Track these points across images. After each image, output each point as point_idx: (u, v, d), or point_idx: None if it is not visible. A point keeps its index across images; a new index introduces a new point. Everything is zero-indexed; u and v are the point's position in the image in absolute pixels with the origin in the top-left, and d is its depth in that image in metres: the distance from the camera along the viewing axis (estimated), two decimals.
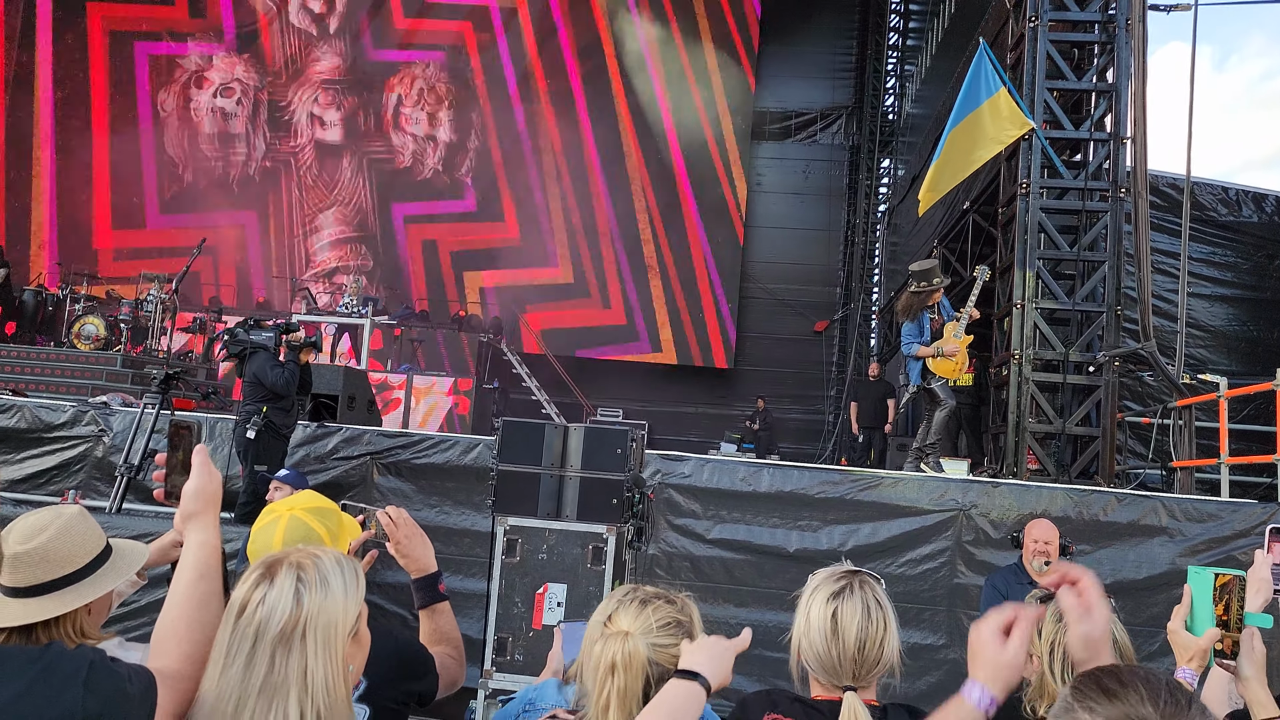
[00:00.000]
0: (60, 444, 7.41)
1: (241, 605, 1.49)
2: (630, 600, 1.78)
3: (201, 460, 1.82)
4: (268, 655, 1.45)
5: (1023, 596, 4.57)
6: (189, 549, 1.72)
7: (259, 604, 1.48)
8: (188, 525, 1.76)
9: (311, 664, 1.46)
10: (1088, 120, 9.47)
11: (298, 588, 1.49)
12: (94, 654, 1.39)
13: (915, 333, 7.99)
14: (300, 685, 1.45)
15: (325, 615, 1.49)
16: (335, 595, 1.52)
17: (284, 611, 1.47)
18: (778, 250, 20.07)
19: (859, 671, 1.92)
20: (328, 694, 1.47)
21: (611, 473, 4.86)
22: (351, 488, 6.89)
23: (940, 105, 14.69)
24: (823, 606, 1.98)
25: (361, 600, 1.58)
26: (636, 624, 1.72)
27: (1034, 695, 2.12)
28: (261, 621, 1.47)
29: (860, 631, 1.92)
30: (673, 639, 1.73)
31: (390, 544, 2.24)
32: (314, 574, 1.52)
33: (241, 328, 6.92)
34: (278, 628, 1.46)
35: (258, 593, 1.50)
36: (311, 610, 1.48)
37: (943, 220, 13.63)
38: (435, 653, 2.18)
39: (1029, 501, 6.36)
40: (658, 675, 1.68)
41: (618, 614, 1.74)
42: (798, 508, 6.53)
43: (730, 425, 17.83)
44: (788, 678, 4.55)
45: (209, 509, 1.77)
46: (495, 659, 4.67)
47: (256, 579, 1.52)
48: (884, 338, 19.08)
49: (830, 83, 20.79)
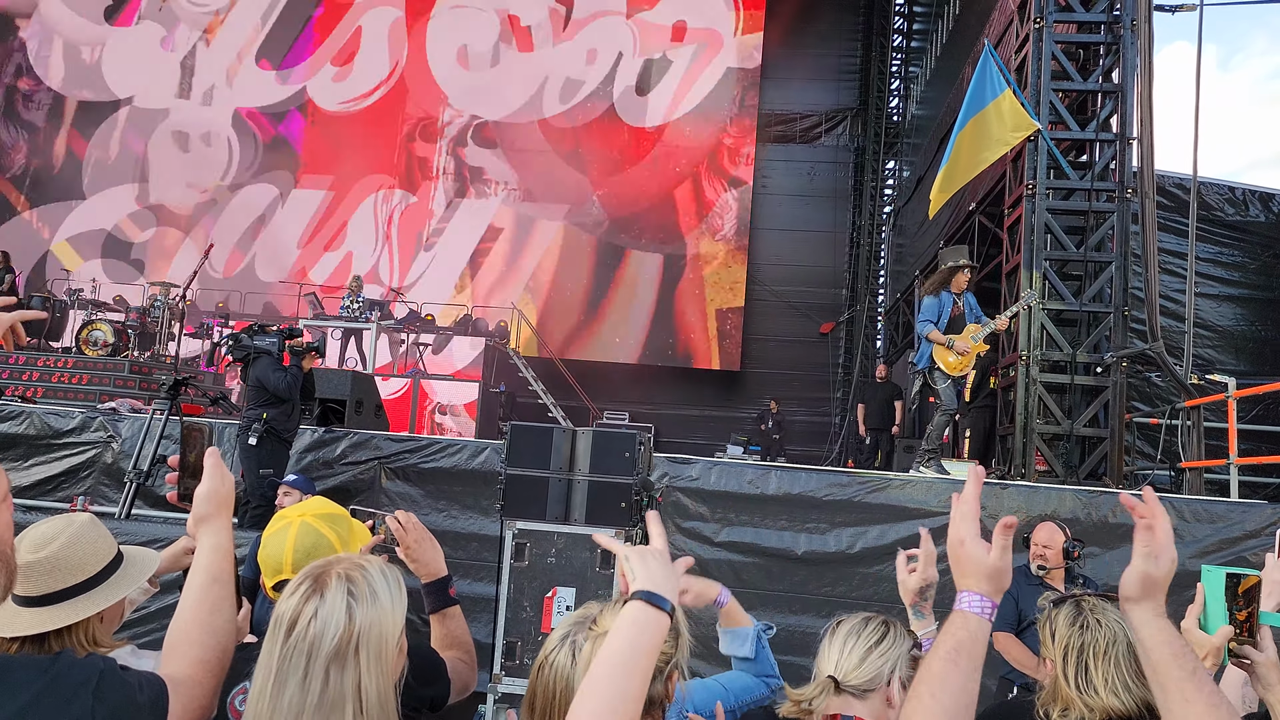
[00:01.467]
0: (69, 450, 7.43)
1: (291, 621, 1.44)
2: (616, 603, 1.75)
3: (214, 463, 1.80)
4: (322, 673, 1.41)
5: (1033, 597, 4.58)
6: (201, 553, 1.71)
7: (310, 619, 1.43)
8: (200, 529, 1.74)
9: (365, 679, 1.43)
10: (1093, 121, 9.45)
11: (349, 602, 1.45)
12: (104, 663, 1.38)
13: (933, 312, 7.84)
14: (355, 701, 1.41)
15: (377, 629, 1.46)
16: (385, 607, 1.48)
17: (338, 627, 1.42)
18: (783, 252, 20.05)
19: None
20: (381, 708, 1.44)
21: (620, 476, 4.86)
22: (359, 492, 6.90)
23: (944, 107, 14.68)
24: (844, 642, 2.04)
25: (404, 609, 1.55)
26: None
27: (1047, 699, 2.09)
28: (315, 638, 1.42)
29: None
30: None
31: (400, 549, 2.23)
32: (364, 587, 1.48)
33: (246, 333, 6.94)
34: (332, 644, 1.42)
35: (309, 607, 1.44)
36: (364, 625, 1.44)
37: (948, 222, 13.61)
38: (447, 657, 2.16)
39: (1037, 503, 6.35)
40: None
41: (603, 616, 1.72)
42: (806, 510, 6.52)
43: (736, 428, 17.81)
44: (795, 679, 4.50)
45: (221, 512, 1.75)
46: (505, 663, 4.67)
47: (306, 592, 1.47)
48: (890, 339, 19.05)
49: (835, 85, 20.79)
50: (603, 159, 19.89)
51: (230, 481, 1.80)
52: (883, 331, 19.92)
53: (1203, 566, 1.87)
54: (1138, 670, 2.02)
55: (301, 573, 1.53)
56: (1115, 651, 2.02)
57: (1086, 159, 9.81)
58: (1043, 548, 4.64)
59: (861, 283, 20.12)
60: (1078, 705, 2.02)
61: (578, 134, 20.01)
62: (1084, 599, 2.14)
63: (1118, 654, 2.02)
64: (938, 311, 7.85)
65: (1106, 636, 2.04)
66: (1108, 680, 2.00)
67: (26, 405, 8.01)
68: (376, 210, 20.16)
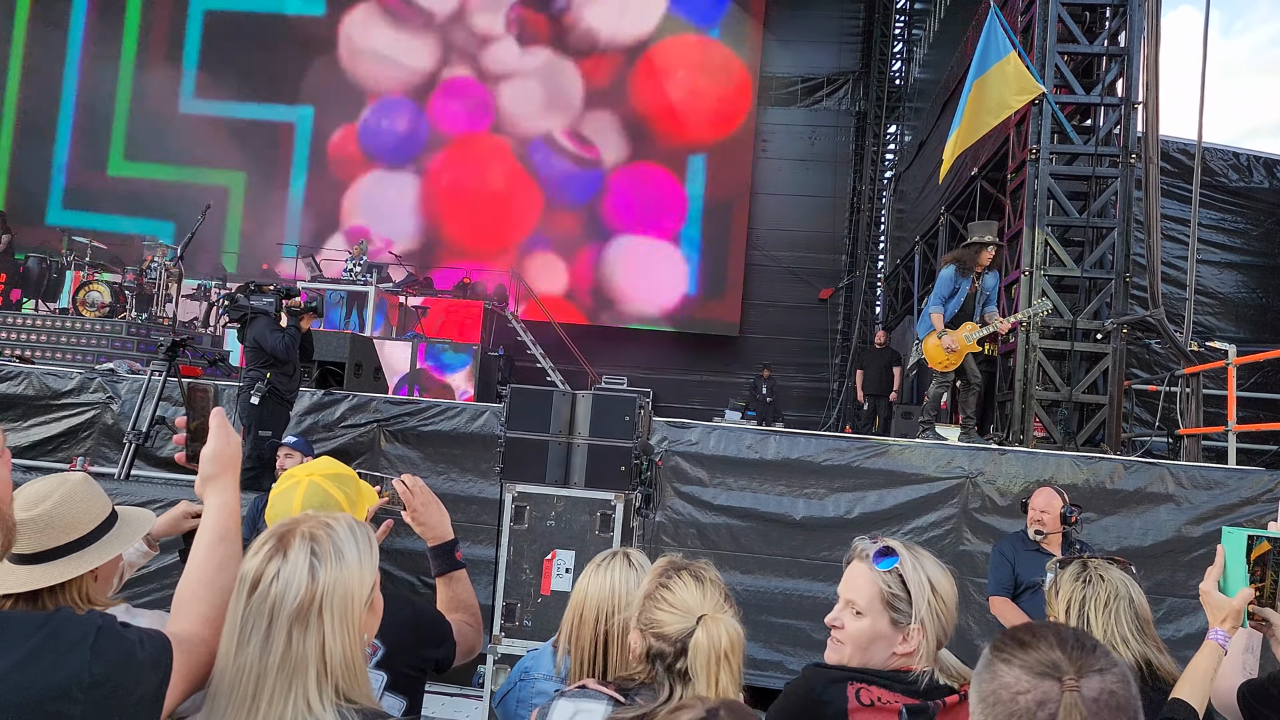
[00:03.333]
0: (68, 411, 7.43)
1: (255, 580, 1.45)
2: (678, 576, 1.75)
3: (220, 423, 1.79)
4: (284, 633, 1.41)
5: (1030, 563, 4.60)
6: (208, 512, 1.71)
7: (273, 579, 1.43)
8: (206, 488, 1.74)
9: (329, 640, 1.42)
10: (1099, 85, 9.35)
11: (312, 562, 1.45)
12: (102, 619, 1.37)
13: (947, 288, 7.63)
14: (319, 662, 1.41)
15: (341, 588, 1.45)
16: (350, 566, 1.48)
17: (299, 588, 1.42)
18: (783, 217, 19.94)
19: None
20: (347, 668, 1.44)
21: (619, 440, 4.86)
22: (358, 455, 6.91)
23: (947, 70, 14.53)
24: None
25: (375, 567, 1.55)
26: (708, 603, 1.70)
27: None
28: (276, 598, 1.42)
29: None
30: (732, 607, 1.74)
31: (406, 512, 2.23)
32: (328, 545, 1.47)
33: (242, 292, 6.90)
34: (294, 604, 1.42)
35: (271, 567, 1.45)
36: (327, 585, 1.44)
37: (950, 186, 13.52)
38: (452, 620, 2.17)
39: (1035, 469, 6.36)
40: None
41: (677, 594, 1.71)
42: (804, 475, 6.53)
43: (734, 393, 17.83)
44: (794, 643, 4.58)
45: (228, 471, 1.75)
46: (504, 624, 4.69)
47: (269, 551, 1.47)
48: (889, 305, 19.01)
49: (837, 47, 20.56)
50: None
51: (236, 441, 1.80)
52: (882, 297, 19.87)
53: (1224, 528, 1.89)
54: (1140, 626, 2.03)
55: (266, 531, 1.53)
56: (1116, 605, 2.04)
57: (1091, 123, 9.73)
58: (1040, 512, 4.64)
59: (861, 248, 20.03)
60: None
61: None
62: (1090, 559, 2.16)
63: (1118, 608, 2.03)
64: (951, 288, 7.65)
65: (1108, 590, 2.06)
66: (1106, 632, 2.02)
67: (25, 366, 7.99)
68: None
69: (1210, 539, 6.01)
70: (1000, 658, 1.21)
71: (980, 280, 7.65)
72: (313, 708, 1.39)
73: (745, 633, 1.67)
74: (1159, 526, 6.11)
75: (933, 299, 7.74)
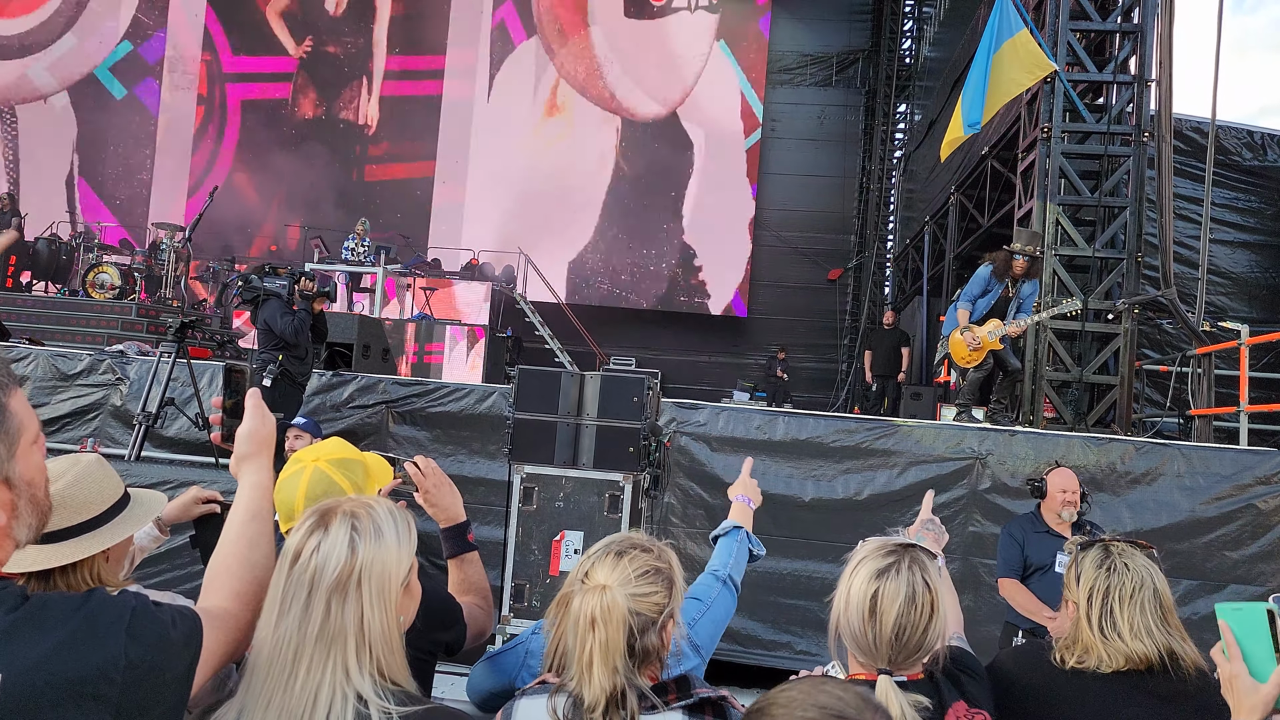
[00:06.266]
0: (77, 392, 7.44)
1: (295, 553, 1.49)
2: (606, 554, 1.75)
3: (255, 403, 1.82)
4: (323, 603, 1.45)
5: (1039, 544, 4.59)
6: (242, 490, 1.73)
7: (313, 552, 1.48)
8: (241, 466, 1.77)
9: (368, 613, 1.46)
10: (1111, 62, 9.26)
11: (352, 537, 1.49)
12: (136, 600, 1.37)
13: (979, 287, 7.50)
14: (358, 634, 1.45)
15: (380, 565, 1.49)
16: (389, 545, 1.52)
17: (339, 560, 1.47)
18: (792, 197, 19.84)
19: (896, 657, 1.80)
20: (386, 645, 1.47)
21: (628, 421, 4.85)
22: (367, 436, 6.91)
23: (958, 48, 14.40)
24: (864, 584, 1.82)
25: (413, 551, 1.57)
26: (614, 576, 1.69)
27: (1066, 644, 2.07)
28: (317, 569, 1.46)
29: (901, 617, 1.77)
30: (652, 586, 1.70)
31: (418, 494, 2.23)
32: (368, 523, 1.52)
33: (256, 274, 6.89)
34: (333, 576, 1.46)
35: (311, 540, 1.49)
36: (366, 559, 1.48)
37: (960, 166, 13.43)
38: (464, 602, 2.17)
39: (1046, 450, 6.33)
40: (640, 625, 1.66)
41: (594, 569, 1.72)
42: (813, 456, 6.51)
43: (743, 374, 17.82)
44: (803, 624, 4.58)
45: (262, 451, 1.78)
46: (513, 605, 4.71)
47: (310, 527, 1.52)
48: (898, 286, 18.93)
49: (847, 25, 20.37)
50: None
51: (271, 421, 1.82)
52: (891, 278, 19.78)
53: (1217, 606, 1.66)
54: (1164, 616, 2.00)
55: (310, 509, 1.58)
56: (1142, 596, 1.99)
57: (1103, 102, 9.64)
58: (1071, 493, 4.62)
59: (871, 229, 19.92)
60: (1098, 649, 2.00)
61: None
62: (1112, 543, 2.11)
63: (1144, 598, 1.99)
64: (984, 288, 7.50)
65: (1134, 580, 2.01)
66: (1133, 624, 1.98)
67: (34, 347, 8.01)
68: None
69: (1223, 520, 5.99)
70: None
71: (1017, 287, 7.48)
72: (351, 677, 1.43)
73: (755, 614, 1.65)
74: (1172, 507, 6.08)
75: (963, 295, 7.63)
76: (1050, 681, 2.04)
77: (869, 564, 1.85)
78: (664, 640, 1.70)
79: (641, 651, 1.66)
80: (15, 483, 1.29)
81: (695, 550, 6.22)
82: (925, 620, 1.78)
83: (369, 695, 1.42)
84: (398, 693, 1.46)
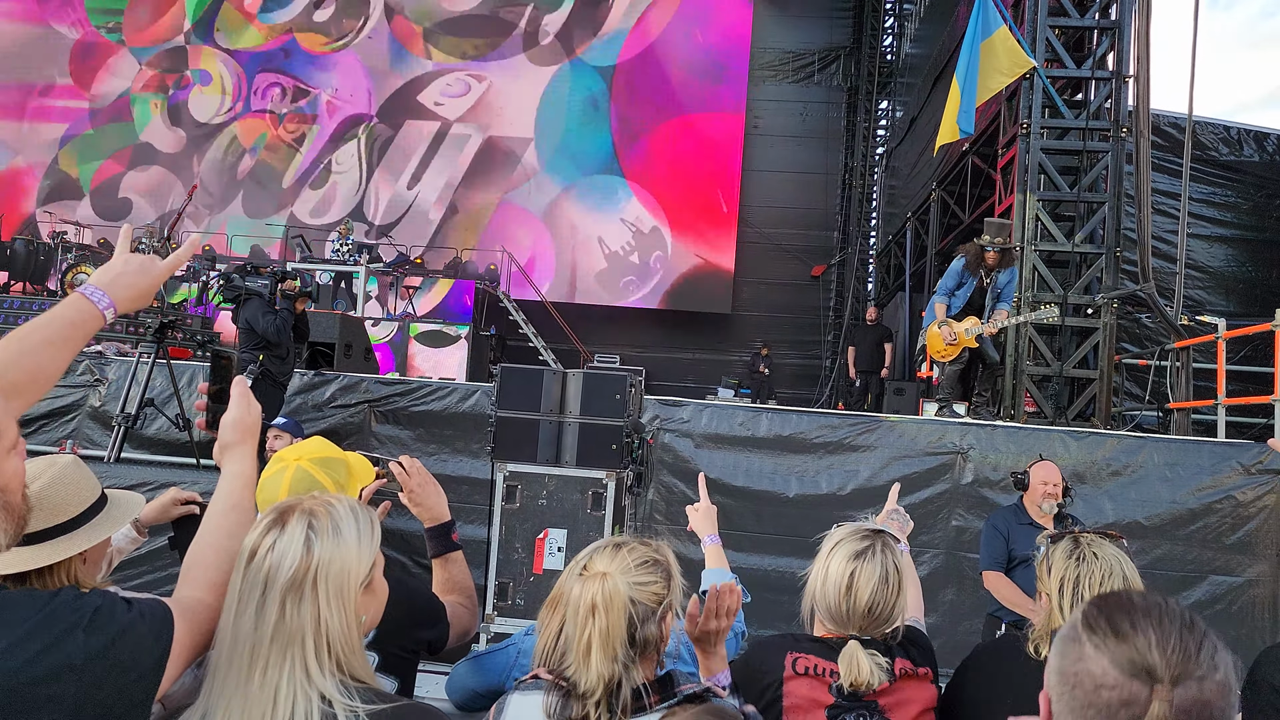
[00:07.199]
0: (54, 393, 7.38)
1: (252, 551, 1.47)
2: (604, 546, 1.78)
3: (240, 392, 1.82)
4: (278, 602, 1.43)
5: (1023, 537, 4.61)
6: (224, 479, 1.72)
7: (269, 550, 1.46)
8: (225, 455, 1.76)
9: (325, 612, 1.44)
10: (1090, 58, 9.32)
11: (308, 535, 1.47)
12: (101, 598, 1.37)
13: (953, 280, 7.49)
14: (315, 634, 1.43)
15: (337, 564, 1.47)
16: (347, 544, 1.49)
17: (294, 559, 1.45)
18: (774, 194, 19.87)
19: (865, 626, 2.04)
20: (345, 644, 1.45)
21: (610, 418, 4.85)
22: (349, 435, 6.88)
23: (938, 45, 14.46)
24: (842, 564, 2.07)
25: (376, 550, 1.55)
26: (614, 565, 1.71)
27: (1040, 635, 2.08)
28: (271, 568, 1.44)
29: (874, 594, 2.02)
30: (652, 576, 1.73)
31: (403, 493, 2.22)
32: (326, 522, 1.49)
33: (238, 272, 6.85)
34: (288, 575, 1.44)
35: (268, 539, 1.47)
36: (323, 558, 1.46)
37: (941, 163, 13.49)
38: (448, 601, 2.17)
39: (1027, 444, 6.37)
40: (641, 614, 1.67)
41: (594, 559, 1.74)
42: (796, 452, 6.53)
43: (727, 370, 17.84)
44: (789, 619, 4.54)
45: (246, 440, 1.77)
46: (496, 603, 4.70)
47: (267, 525, 1.50)
48: (881, 282, 19.00)
49: (828, 22, 20.42)
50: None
51: (257, 410, 1.82)
52: (874, 274, 19.86)
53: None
54: None
55: (269, 508, 1.56)
56: (1111, 584, 2.00)
57: (1082, 98, 9.71)
58: (1052, 485, 4.65)
59: (853, 225, 19.98)
60: None
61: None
62: (1082, 534, 2.13)
63: (1113, 586, 2.00)
64: (958, 281, 7.48)
65: (1103, 569, 2.03)
66: None
67: None
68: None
69: (1204, 513, 6.04)
70: (1091, 640, 1.08)
71: (994, 277, 7.45)
72: (312, 678, 1.40)
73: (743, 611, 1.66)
74: (1153, 500, 6.13)
75: (939, 289, 7.61)
76: (1026, 671, 2.04)
77: (846, 546, 2.10)
78: (663, 632, 1.71)
79: (642, 641, 1.67)
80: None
81: (680, 549, 6.17)
82: (894, 598, 2.04)
83: (333, 695, 1.40)
84: (364, 691, 1.44)
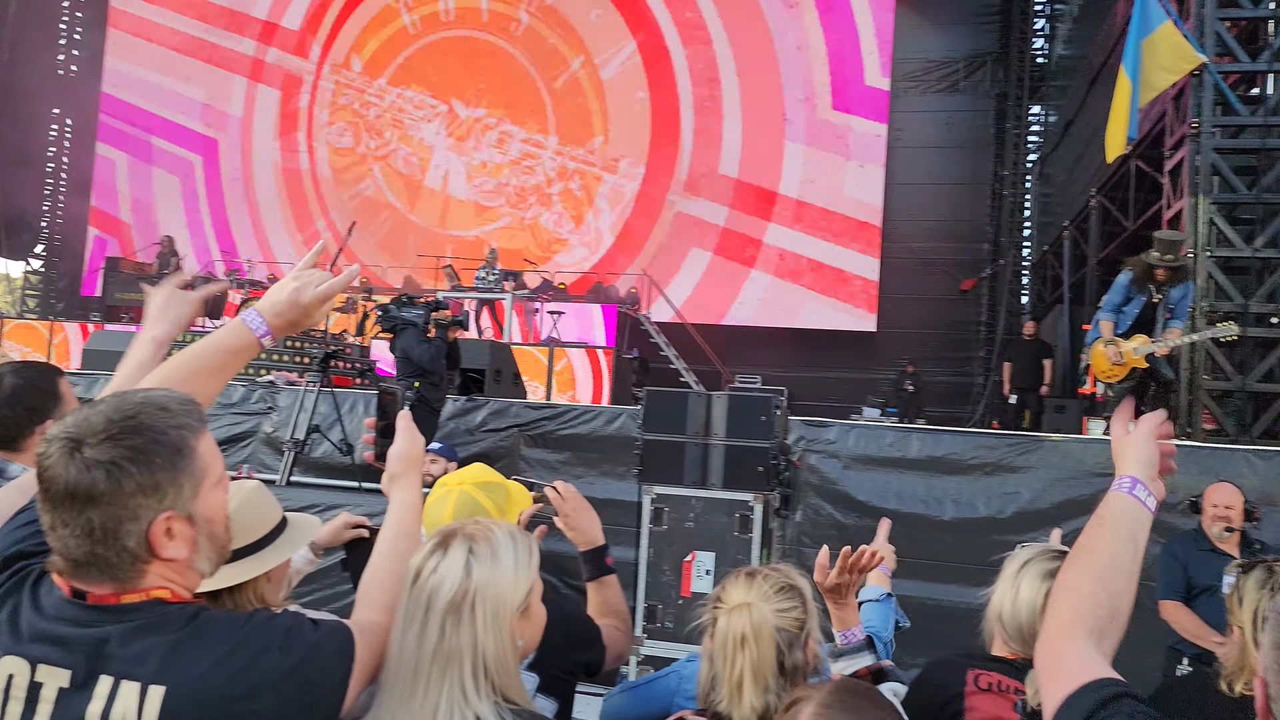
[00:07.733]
0: (231, 421, 7.90)
1: (416, 573, 1.54)
2: (736, 578, 1.76)
3: (405, 425, 1.89)
4: (438, 624, 1.48)
5: (1203, 563, 4.29)
6: (392, 508, 1.80)
7: (431, 573, 1.52)
8: (392, 485, 1.83)
9: (481, 636, 1.48)
10: (1266, 50, 8.68)
11: (468, 559, 1.52)
12: (292, 619, 1.44)
13: (1119, 295, 6.95)
14: (472, 656, 1.47)
15: (494, 589, 1.51)
16: (505, 569, 1.54)
17: (453, 582, 1.50)
18: (920, 207, 19.31)
19: None
20: (501, 667, 1.49)
21: (756, 440, 4.80)
22: (499, 459, 7.07)
23: (1094, 45, 13.79)
24: (1036, 584, 2.06)
25: (534, 576, 1.59)
26: (753, 593, 1.69)
27: (1233, 670, 1.92)
28: (433, 590, 1.50)
29: None
30: (791, 602, 1.70)
31: (558, 518, 2.26)
32: (485, 547, 1.54)
33: (394, 304, 7.17)
34: (447, 597, 1.49)
35: (430, 561, 1.53)
36: (480, 583, 1.50)
37: (1099, 168, 12.82)
38: (602, 624, 2.19)
39: (1207, 464, 5.93)
40: (787, 641, 1.65)
41: (728, 591, 1.72)
42: (950, 474, 6.29)
43: (872, 390, 17.39)
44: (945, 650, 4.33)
45: (411, 471, 1.84)
46: (646, 626, 4.71)
47: (431, 548, 1.56)
48: (1037, 295, 18.16)
49: (972, 28, 19.76)
50: None
51: (421, 442, 1.89)
52: (1029, 286, 18.99)
53: None
54: None
55: (435, 530, 1.62)
56: None
57: (1258, 92, 9.05)
58: (1225, 508, 4.31)
59: (1005, 236, 19.19)
60: None
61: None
62: (1276, 563, 1.96)
63: None
64: (1124, 296, 6.93)
65: None
66: None
67: None
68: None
69: None
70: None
71: (1165, 292, 6.87)
72: (469, 699, 1.45)
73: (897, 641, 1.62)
74: None
75: (1104, 304, 7.10)
76: (1220, 711, 1.90)
77: (1036, 565, 2.11)
78: (808, 658, 1.68)
79: (791, 669, 1.64)
80: (197, 520, 1.40)
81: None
82: None
83: (487, 717, 1.44)
84: (517, 713, 1.47)
